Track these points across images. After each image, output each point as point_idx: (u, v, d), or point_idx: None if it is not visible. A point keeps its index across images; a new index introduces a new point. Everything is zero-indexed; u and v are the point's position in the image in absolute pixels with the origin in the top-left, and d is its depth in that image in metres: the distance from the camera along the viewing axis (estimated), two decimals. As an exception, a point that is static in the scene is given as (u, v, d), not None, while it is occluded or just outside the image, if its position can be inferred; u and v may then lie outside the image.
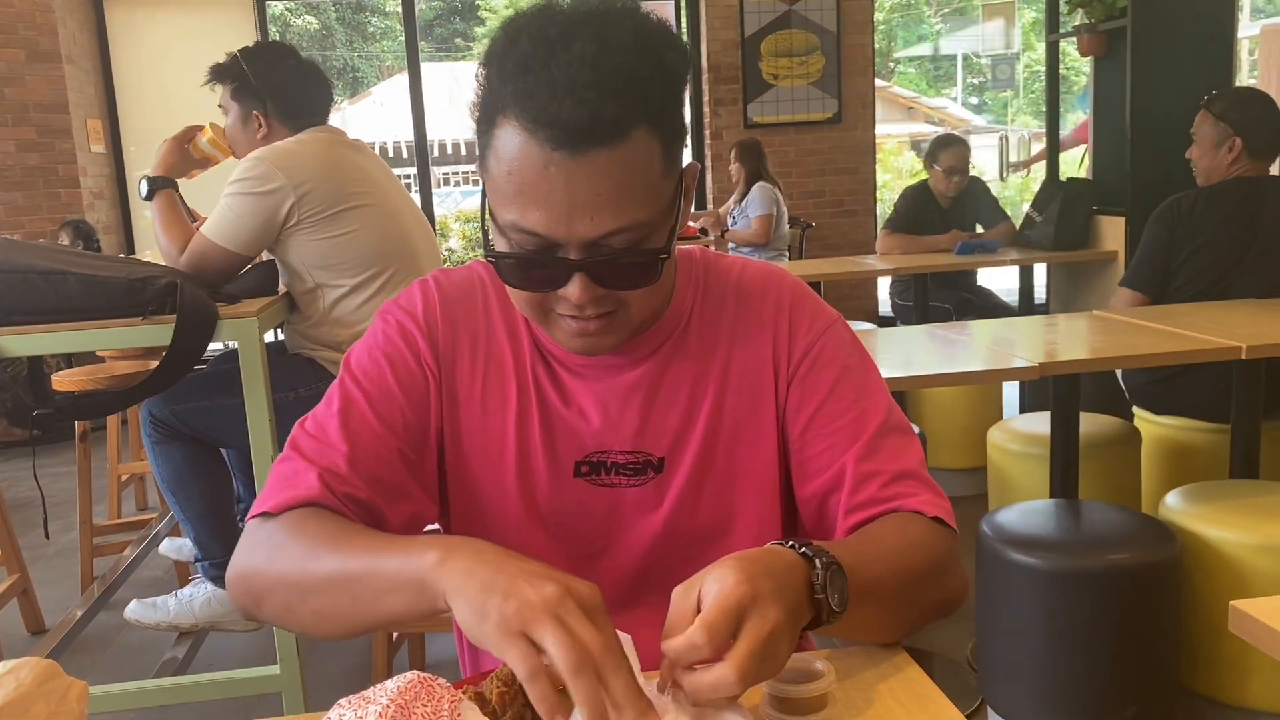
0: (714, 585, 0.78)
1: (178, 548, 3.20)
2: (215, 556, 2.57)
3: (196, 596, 2.61)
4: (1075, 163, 6.27)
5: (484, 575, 0.78)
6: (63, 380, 3.05)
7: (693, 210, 6.45)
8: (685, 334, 1.09)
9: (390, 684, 0.75)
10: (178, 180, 2.66)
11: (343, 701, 0.74)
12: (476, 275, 1.13)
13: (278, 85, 2.60)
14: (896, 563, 0.96)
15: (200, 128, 2.74)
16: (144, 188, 2.58)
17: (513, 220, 0.93)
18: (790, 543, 0.86)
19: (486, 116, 0.93)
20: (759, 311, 1.11)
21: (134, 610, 2.63)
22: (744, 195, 5.91)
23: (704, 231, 6.01)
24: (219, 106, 2.70)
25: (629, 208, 0.91)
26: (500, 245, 0.96)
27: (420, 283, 1.13)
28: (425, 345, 1.09)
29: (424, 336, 1.09)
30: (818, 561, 0.84)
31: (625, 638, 0.86)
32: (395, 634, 2.57)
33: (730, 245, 5.86)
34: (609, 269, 0.94)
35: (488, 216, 0.98)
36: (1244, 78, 5.18)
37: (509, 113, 0.90)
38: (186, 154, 2.71)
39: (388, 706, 0.72)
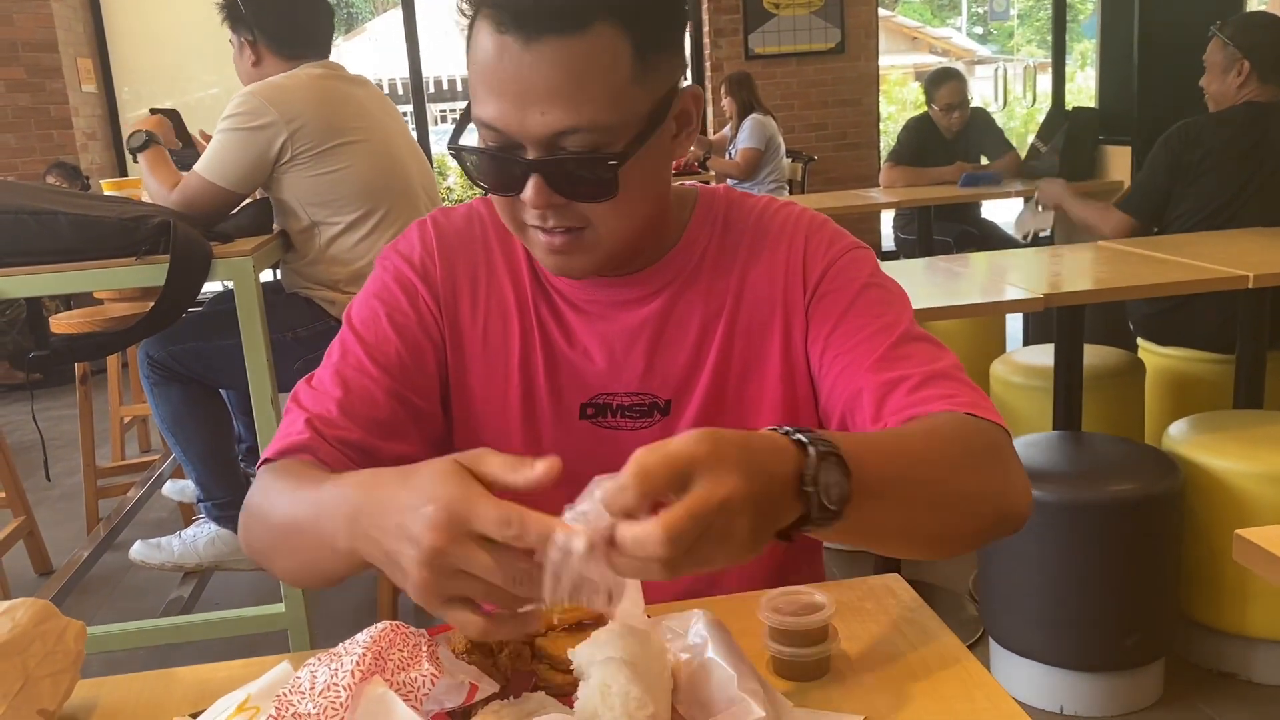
0: (671, 441, 0.67)
1: (180, 489, 3.21)
2: (217, 497, 2.58)
3: (200, 536, 2.62)
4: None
5: (376, 552, 0.74)
6: (60, 323, 3.04)
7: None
8: (697, 273, 1.06)
9: (361, 636, 0.74)
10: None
11: (311, 660, 0.74)
12: (477, 213, 1.11)
13: (267, 12, 2.53)
14: (923, 456, 0.84)
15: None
16: (140, 138, 2.54)
17: (478, 114, 0.91)
18: (785, 428, 0.75)
19: (468, 17, 0.92)
20: (773, 247, 1.06)
21: (139, 551, 2.64)
22: (738, 129, 5.83)
23: (703, 165, 5.95)
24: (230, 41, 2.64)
25: (583, 106, 0.87)
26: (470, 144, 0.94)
27: (419, 224, 1.10)
28: (424, 290, 1.07)
29: (422, 281, 1.07)
30: (812, 449, 0.72)
31: (633, 580, 0.86)
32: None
33: (712, 175, 5.80)
34: (564, 174, 0.90)
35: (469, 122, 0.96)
36: (1255, 3, 5.07)
37: (482, 4, 0.89)
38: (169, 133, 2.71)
39: (364, 656, 0.71)
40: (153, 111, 2.80)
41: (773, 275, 1.05)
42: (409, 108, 7.17)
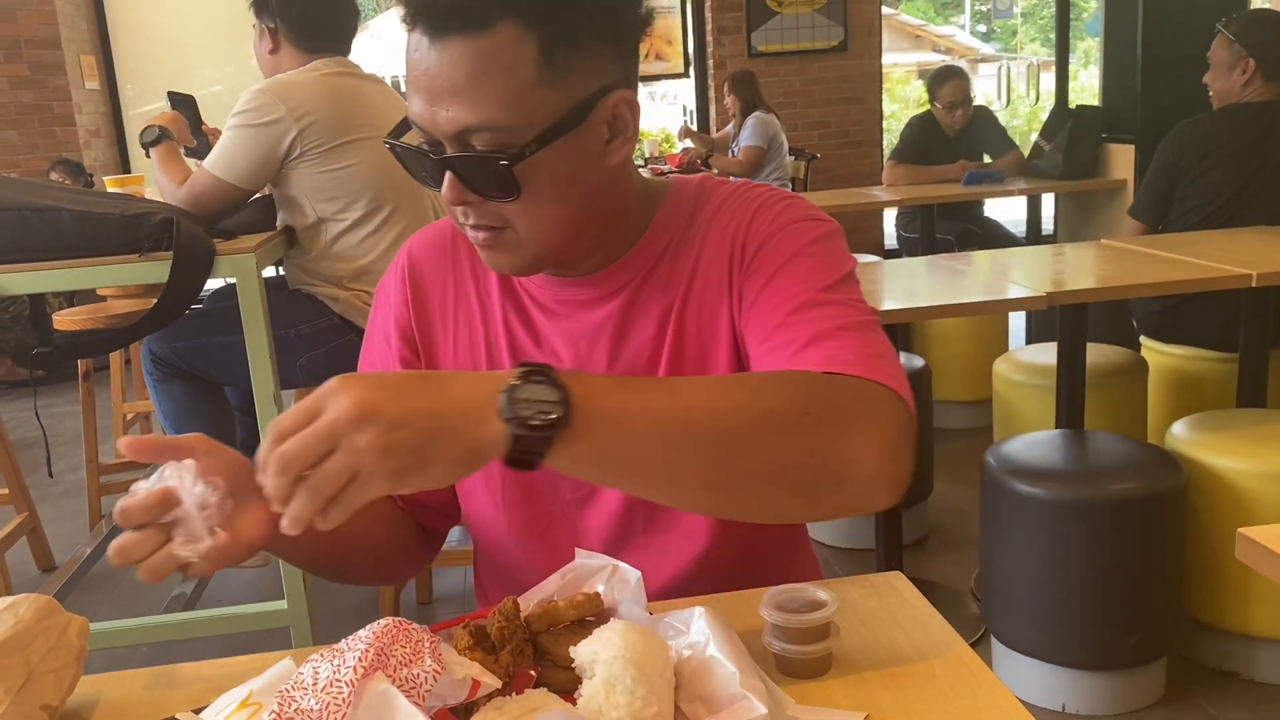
0: None
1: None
2: (220, 494, 2.58)
3: (203, 533, 2.61)
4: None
5: None
6: (63, 320, 3.03)
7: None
8: (659, 265, 1.04)
9: (364, 632, 0.74)
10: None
11: (314, 656, 0.74)
12: (449, 227, 1.12)
13: (292, 1, 2.52)
14: (706, 397, 0.80)
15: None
16: (154, 133, 2.55)
17: (408, 111, 0.93)
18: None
19: None
20: (722, 228, 1.03)
21: (142, 547, 2.64)
22: (741, 127, 5.84)
23: (706, 163, 5.96)
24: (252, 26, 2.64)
25: (483, 105, 0.87)
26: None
27: (398, 256, 1.14)
28: (396, 334, 1.11)
29: (395, 324, 1.11)
30: (519, 370, 0.73)
31: (635, 573, 0.86)
32: (402, 568, 2.59)
33: (715, 173, 5.81)
34: (469, 172, 0.90)
35: None
36: (1259, 0, 5.07)
37: (400, 2, 0.91)
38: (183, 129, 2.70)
39: (366, 651, 0.71)
40: (170, 95, 2.80)
41: (720, 255, 1.03)
42: (412, 105, 7.16)
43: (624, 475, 0.80)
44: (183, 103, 2.78)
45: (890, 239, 6.54)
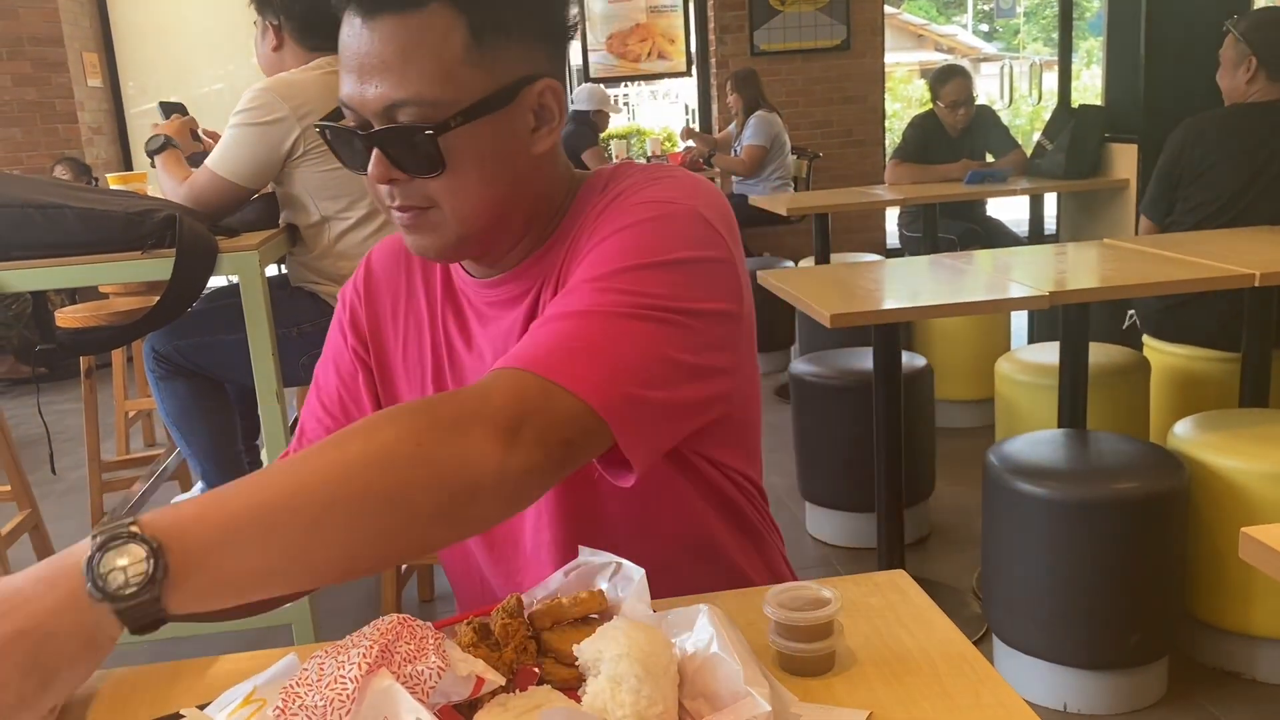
0: None
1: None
2: (223, 491, 2.58)
3: (206, 530, 2.62)
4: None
5: None
6: (66, 317, 3.04)
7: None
8: (563, 264, 1.01)
9: (368, 629, 0.74)
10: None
11: (318, 652, 0.74)
12: None
13: None
14: (312, 466, 0.74)
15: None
16: (159, 140, 2.56)
17: (339, 95, 0.94)
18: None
19: None
20: (600, 212, 0.98)
21: (144, 544, 2.64)
22: (744, 126, 5.84)
23: (708, 162, 5.97)
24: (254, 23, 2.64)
25: (411, 80, 0.89)
26: None
27: (366, 256, 1.17)
28: (351, 333, 1.13)
29: (350, 324, 1.14)
30: (96, 543, 0.67)
31: (639, 571, 0.86)
32: (404, 566, 2.59)
33: (717, 172, 5.82)
34: (395, 147, 0.91)
35: None
36: (1263, 0, 5.06)
37: None
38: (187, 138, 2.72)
39: (370, 648, 0.71)
40: (162, 105, 2.83)
41: (580, 245, 0.99)
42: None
43: (262, 583, 0.72)
44: (174, 111, 2.80)
45: (892, 238, 6.54)
